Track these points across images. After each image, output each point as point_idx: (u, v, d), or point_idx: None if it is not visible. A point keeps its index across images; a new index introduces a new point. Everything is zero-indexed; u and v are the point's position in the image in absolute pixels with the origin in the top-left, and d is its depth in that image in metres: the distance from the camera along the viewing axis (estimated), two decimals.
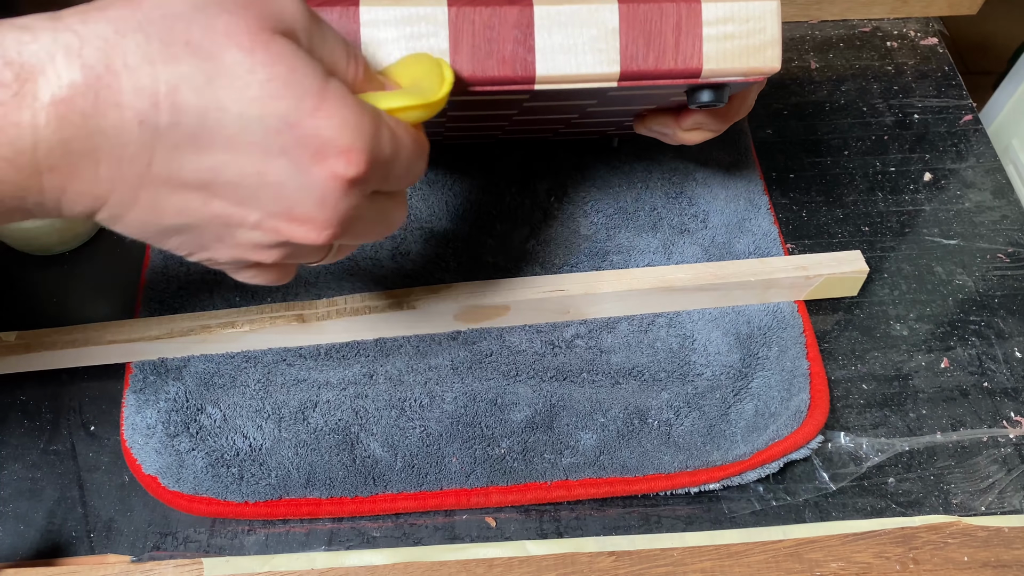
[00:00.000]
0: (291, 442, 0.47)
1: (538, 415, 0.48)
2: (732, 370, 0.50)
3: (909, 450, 0.50)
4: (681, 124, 0.46)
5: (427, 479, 0.47)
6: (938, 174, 0.63)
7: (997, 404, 0.52)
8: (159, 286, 0.53)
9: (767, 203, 0.59)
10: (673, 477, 0.47)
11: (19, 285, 0.55)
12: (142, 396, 0.48)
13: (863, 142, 0.65)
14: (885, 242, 0.59)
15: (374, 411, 0.48)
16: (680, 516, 0.48)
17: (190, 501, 0.46)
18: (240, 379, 0.49)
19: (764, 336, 0.52)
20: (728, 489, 0.48)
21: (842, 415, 0.51)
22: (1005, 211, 0.61)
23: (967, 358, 0.54)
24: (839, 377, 0.53)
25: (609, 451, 0.48)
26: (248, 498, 0.46)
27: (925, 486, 0.49)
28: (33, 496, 0.47)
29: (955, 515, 0.47)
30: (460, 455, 0.47)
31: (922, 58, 0.71)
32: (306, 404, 0.48)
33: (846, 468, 0.49)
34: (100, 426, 0.50)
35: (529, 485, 0.47)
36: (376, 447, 0.47)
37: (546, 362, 0.50)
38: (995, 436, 0.51)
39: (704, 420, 0.49)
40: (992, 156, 0.64)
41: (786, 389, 0.50)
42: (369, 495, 0.46)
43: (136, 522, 0.46)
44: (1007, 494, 0.48)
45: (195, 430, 0.47)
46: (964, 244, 0.59)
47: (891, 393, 0.52)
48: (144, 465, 0.46)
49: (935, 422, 0.51)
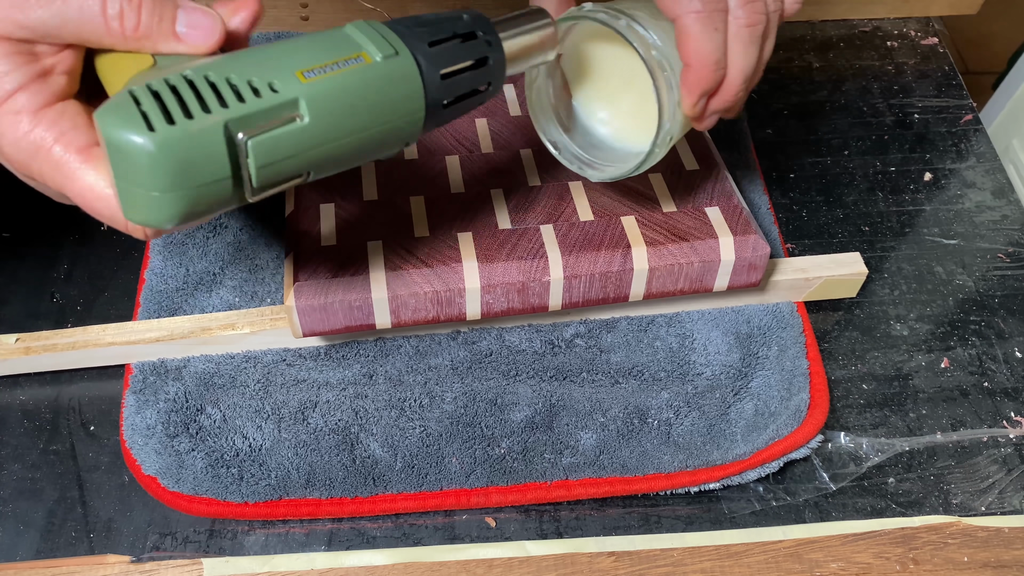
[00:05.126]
0: (291, 442, 0.47)
1: (538, 415, 0.48)
2: (732, 369, 0.50)
3: (909, 450, 0.50)
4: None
5: (427, 479, 0.47)
6: (938, 174, 0.63)
7: (997, 404, 0.52)
8: (158, 287, 0.53)
9: (767, 203, 0.59)
10: (673, 477, 0.47)
11: (19, 285, 0.55)
12: (142, 396, 0.48)
13: (863, 142, 0.65)
14: (885, 242, 0.59)
15: (374, 411, 0.48)
16: (680, 516, 0.47)
17: (190, 501, 0.46)
18: (240, 379, 0.49)
19: (764, 336, 0.52)
20: (728, 489, 0.48)
21: (842, 415, 0.51)
22: (1005, 211, 0.61)
23: (967, 358, 0.54)
24: (839, 377, 0.53)
25: (609, 451, 0.48)
26: (248, 498, 0.46)
27: (925, 486, 0.49)
28: (33, 496, 0.47)
29: (955, 515, 0.47)
30: (460, 455, 0.47)
31: (922, 58, 0.71)
32: (306, 404, 0.48)
33: (846, 468, 0.49)
34: (100, 426, 0.50)
35: (529, 485, 0.47)
36: (376, 447, 0.47)
37: (546, 362, 0.50)
38: (995, 436, 0.51)
39: (704, 420, 0.49)
40: (992, 156, 0.64)
41: (786, 389, 0.50)
42: (369, 495, 0.46)
43: (136, 522, 0.46)
44: (1007, 494, 0.48)
45: (195, 430, 0.47)
46: (964, 244, 0.59)
47: (891, 393, 0.52)
48: (144, 465, 0.46)
49: (935, 422, 0.51)
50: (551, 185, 0.51)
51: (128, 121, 0.29)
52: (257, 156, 0.30)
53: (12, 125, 0.33)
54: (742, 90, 0.41)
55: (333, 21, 0.69)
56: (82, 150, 0.33)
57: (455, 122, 0.55)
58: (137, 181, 0.30)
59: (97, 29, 0.33)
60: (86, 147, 0.33)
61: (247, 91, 0.31)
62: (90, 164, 0.33)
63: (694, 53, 0.39)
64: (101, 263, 0.56)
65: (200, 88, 0.30)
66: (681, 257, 0.48)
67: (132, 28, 0.33)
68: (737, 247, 0.48)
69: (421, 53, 0.34)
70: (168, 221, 0.31)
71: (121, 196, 0.31)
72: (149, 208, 0.30)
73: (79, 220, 0.57)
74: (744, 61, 0.40)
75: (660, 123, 0.41)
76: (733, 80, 0.41)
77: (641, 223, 0.49)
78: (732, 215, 0.49)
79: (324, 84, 0.31)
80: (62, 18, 0.32)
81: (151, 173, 0.29)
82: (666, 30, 0.41)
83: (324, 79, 0.32)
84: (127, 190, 0.30)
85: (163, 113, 0.29)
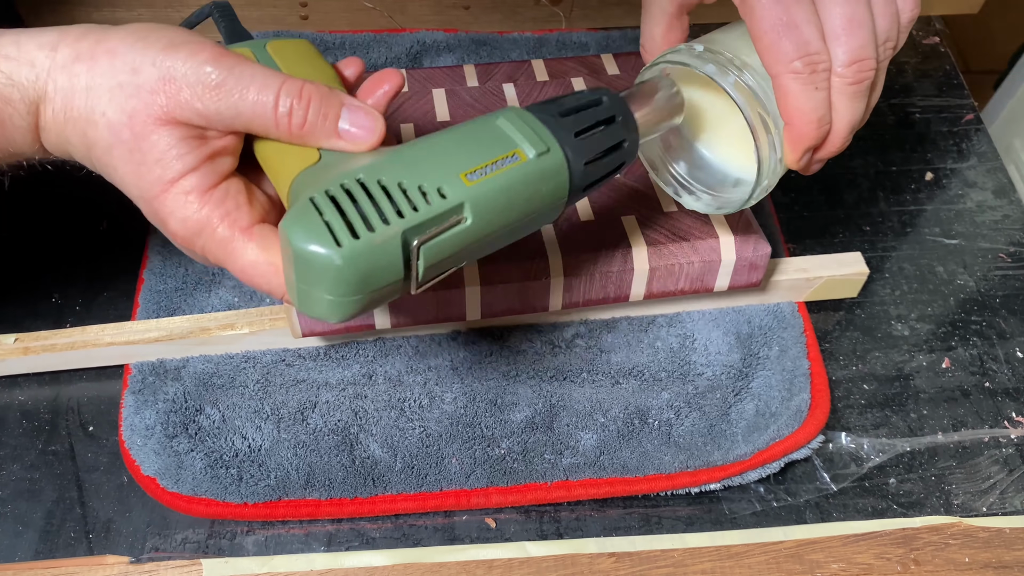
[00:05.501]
0: (290, 443, 0.47)
1: (538, 415, 0.48)
2: (733, 370, 0.50)
3: (910, 450, 0.50)
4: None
5: (427, 480, 0.47)
6: (939, 173, 0.63)
7: (998, 404, 0.52)
8: (157, 287, 0.53)
9: (768, 203, 0.59)
10: (674, 477, 0.47)
11: (18, 285, 0.55)
12: (141, 397, 0.48)
13: (864, 141, 0.65)
14: (886, 242, 0.59)
15: (373, 411, 0.48)
16: (681, 517, 0.47)
17: (189, 502, 0.46)
18: (239, 380, 0.49)
19: (765, 336, 0.52)
20: (729, 490, 0.48)
21: (843, 415, 0.51)
22: (1007, 210, 0.61)
23: (968, 358, 0.54)
24: (840, 377, 0.53)
25: (609, 451, 0.47)
26: (247, 499, 0.46)
27: (926, 487, 0.49)
28: (32, 497, 0.47)
29: (956, 516, 0.47)
30: (460, 455, 0.47)
31: (923, 57, 0.71)
32: (305, 405, 0.48)
33: (847, 468, 0.49)
34: (99, 427, 0.49)
35: (529, 486, 0.47)
36: (375, 448, 0.47)
37: (546, 362, 0.50)
38: (996, 436, 0.51)
39: (705, 420, 0.48)
40: (993, 155, 0.64)
41: (787, 389, 0.50)
42: (369, 496, 0.46)
43: (135, 523, 0.46)
44: (1008, 495, 0.48)
45: (194, 431, 0.47)
46: (965, 244, 0.59)
47: (892, 393, 0.52)
48: (143, 466, 0.46)
49: (936, 422, 0.51)
50: None
51: (315, 234, 0.31)
52: (427, 259, 0.32)
53: (182, 204, 0.35)
54: (848, 139, 0.39)
55: (332, 21, 0.69)
56: (244, 230, 0.35)
57: (456, 121, 0.55)
58: (319, 287, 0.31)
59: (267, 123, 0.35)
60: (248, 227, 0.36)
61: (418, 198, 0.32)
62: (253, 242, 0.35)
63: (795, 113, 0.37)
64: (100, 263, 0.56)
65: (375, 196, 0.32)
66: (682, 257, 0.48)
67: (299, 125, 0.35)
68: (738, 247, 0.48)
69: (569, 145, 0.35)
70: (342, 319, 0.33)
71: (299, 295, 0.32)
72: (326, 308, 0.32)
73: (78, 220, 0.57)
74: (850, 115, 0.38)
75: (758, 179, 0.40)
76: (838, 133, 0.39)
77: (642, 223, 0.49)
78: (733, 214, 0.49)
79: (486, 186, 0.33)
80: (236, 110, 0.35)
81: (336, 282, 0.31)
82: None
83: (486, 180, 0.33)
84: (307, 292, 0.32)
85: (346, 226, 0.31)
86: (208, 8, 0.44)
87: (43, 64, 0.34)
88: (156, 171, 0.35)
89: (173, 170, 0.35)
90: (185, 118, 0.34)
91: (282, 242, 0.32)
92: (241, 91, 0.34)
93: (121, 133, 0.34)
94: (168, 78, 0.34)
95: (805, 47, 0.36)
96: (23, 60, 0.34)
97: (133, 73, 0.34)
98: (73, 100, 0.34)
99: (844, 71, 0.37)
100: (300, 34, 0.67)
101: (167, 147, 0.34)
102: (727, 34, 0.41)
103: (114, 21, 0.69)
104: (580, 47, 0.67)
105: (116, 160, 0.35)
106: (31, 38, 0.35)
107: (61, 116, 0.35)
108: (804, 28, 0.36)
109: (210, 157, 0.35)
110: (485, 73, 0.58)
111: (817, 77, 0.37)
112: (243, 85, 0.35)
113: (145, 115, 0.34)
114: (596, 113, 0.36)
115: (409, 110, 0.55)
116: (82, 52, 0.35)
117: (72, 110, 0.35)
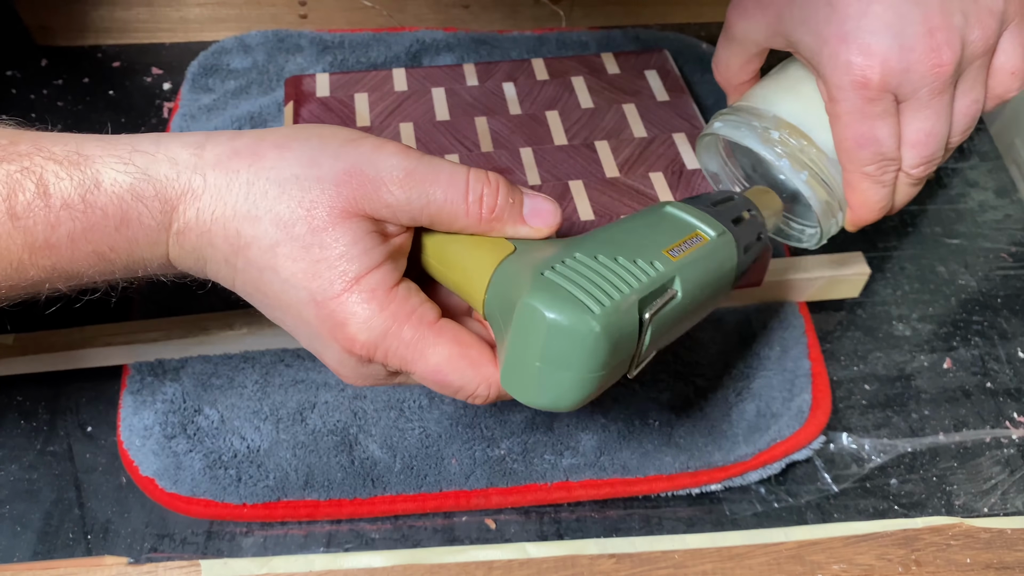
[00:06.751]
0: (289, 443, 0.47)
1: (538, 415, 0.48)
2: (733, 370, 0.50)
3: (911, 451, 0.50)
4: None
5: (426, 480, 0.46)
6: (941, 173, 0.63)
7: (1000, 405, 0.52)
8: (156, 287, 0.52)
9: None
10: (674, 478, 0.47)
11: None
12: (139, 397, 0.48)
13: None
14: (888, 241, 0.59)
15: (373, 412, 0.48)
16: (681, 518, 0.47)
17: (188, 503, 0.46)
18: (238, 380, 0.49)
19: (766, 336, 0.52)
20: (729, 490, 0.48)
21: (844, 416, 0.51)
22: (1008, 210, 0.61)
23: (970, 358, 0.54)
24: (841, 377, 0.53)
25: (609, 452, 0.47)
26: (246, 500, 0.46)
27: (927, 487, 0.48)
28: (30, 497, 0.47)
29: (958, 517, 0.47)
30: (459, 456, 0.47)
31: None
32: (304, 405, 0.48)
33: (848, 469, 0.49)
34: (97, 427, 0.49)
35: (529, 486, 0.47)
36: (375, 448, 0.47)
37: None
38: (998, 437, 0.50)
39: (705, 420, 0.48)
40: (995, 155, 0.64)
41: (788, 389, 0.49)
42: (368, 497, 0.46)
43: (133, 524, 0.46)
44: (1010, 495, 0.48)
45: (193, 431, 0.47)
46: (967, 243, 0.59)
47: (893, 394, 0.52)
48: (141, 467, 0.46)
49: (938, 423, 0.51)
50: (551, 184, 0.51)
51: (568, 305, 0.30)
52: (653, 333, 0.32)
53: (366, 304, 0.32)
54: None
55: (331, 19, 0.69)
56: (432, 325, 0.33)
57: (455, 121, 0.55)
58: (568, 361, 0.30)
59: (456, 210, 0.34)
60: (434, 322, 0.33)
61: (639, 271, 0.32)
62: (443, 338, 0.33)
63: (860, 203, 0.41)
64: None
65: (602, 270, 0.31)
66: None
67: (489, 210, 0.34)
68: None
69: (731, 230, 0.36)
70: (574, 404, 0.31)
71: (538, 378, 0.31)
72: (566, 389, 0.31)
73: None
74: (908, 198, 0.42)
75: (819, 239, 0.44)
76: (894, 209, 0.42)
77: None
78: None
79: (688, 260, 0.34)
80: (427, 198, 0.33)
81: (590, 352, 0.30)
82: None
83: (685, 257, 0.34)
84: (550, 372, 0.30)
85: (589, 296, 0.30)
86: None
87: (187, 161, 0.32)
88: (340, 266, 0.32)
89: (360, 265, 0.32)
90: (372, 210, 0.32)
91: (521, 323, 0.30)
92: (433, 179, 0.33)
93: (294, 228, 0.32)
94: (355, 170, 0.32)
95: (881, 156, 0.39)
96: (161, 156, 0.32)
97: (312, 166, 0.32)
98: (227, 196, 0.32)
99: (912, 171, 0.40)
100: (299, 33, 0.67)
101: (352, 241, 0.32)
102: (795, 94, 0.42)
103: (112, 19, 0.69)
104: (580, 46, 0.67)
105: (282, 259, 0.32)
106: (174, 138, 0.33)
107: (207, 215, 0.32)
108: (885, 143, 0.38)
109: (392, 255, 0.33)
110: (485, 72, 0.58)
111: (887, 176, 0.40)
112: (434, 172, 0.33)
113: (328, 208, 0.32)
114: (737, 207, 0.39)
115: (408, 109, 0.55)
116: (240, 149, 0.33)
117: (225, 207, 0.32)
